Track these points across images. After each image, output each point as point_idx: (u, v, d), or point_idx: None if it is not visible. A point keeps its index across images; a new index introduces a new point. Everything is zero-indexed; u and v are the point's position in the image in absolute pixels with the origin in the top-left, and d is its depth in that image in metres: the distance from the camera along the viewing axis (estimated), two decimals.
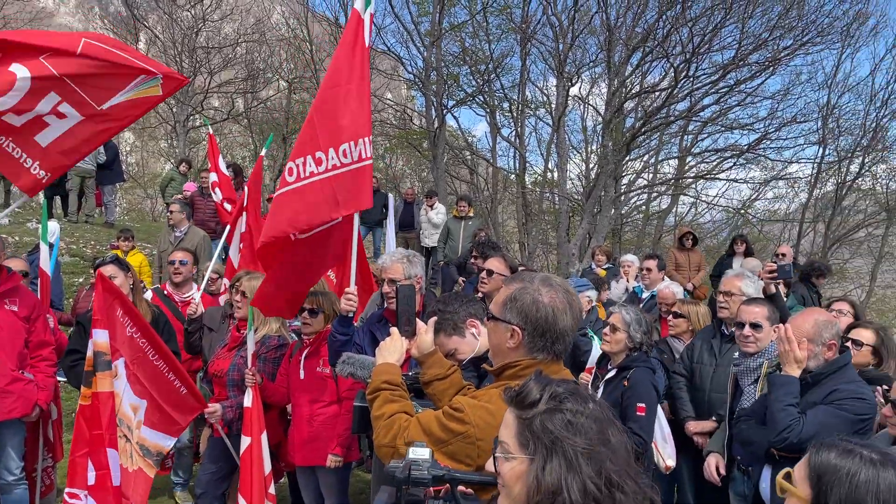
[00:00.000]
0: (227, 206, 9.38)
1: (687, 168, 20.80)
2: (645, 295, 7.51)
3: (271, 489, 4.51)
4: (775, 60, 15.51)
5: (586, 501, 1.49)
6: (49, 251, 5.71)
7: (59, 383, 5.10)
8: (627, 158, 18.58)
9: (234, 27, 24.10)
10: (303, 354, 4.49)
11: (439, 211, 13.55)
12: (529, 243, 19.45)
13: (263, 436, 4.43)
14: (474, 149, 22.72)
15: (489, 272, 4.89)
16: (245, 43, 22.95)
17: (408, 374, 2.77)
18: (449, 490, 1.93)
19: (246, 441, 4.37)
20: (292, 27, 22.17)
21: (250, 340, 4.52)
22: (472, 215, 12.49)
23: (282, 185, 3.95)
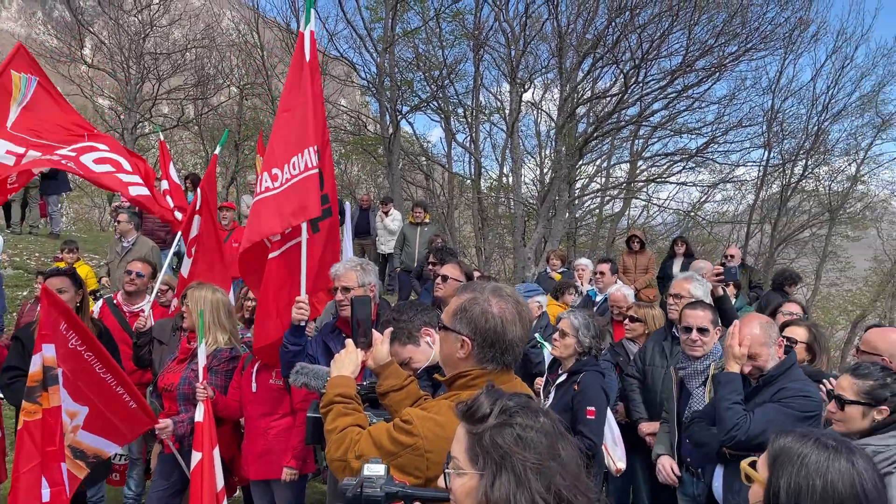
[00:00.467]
0: (178, 214, 9.19)
1: (638, 172, 21.19)
2: (598, 298, 7.59)
3: None
4: (721, 66, 15.92)
5: None
6: None
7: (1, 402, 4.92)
8: (580, 163, 18.83)
9: (183, 32, 23.65)
10: (255, 367, 4.41)
11: (395, 217, 13.52)
12: (486, 248, 19.54)
13: (216, 451, 4.33)
14: (430, 154, 22.75)
15: (444, 278, 4.91)
16: (194, 48, 22.55)
17: (362, 383, 2.75)
18: None
19: (197, 456, 4.26)
20: (242, 33, 21.88)
21: (201, 353, 4.41)
22: (428, 221, 12.48)
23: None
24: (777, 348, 3.59)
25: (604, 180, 21.76)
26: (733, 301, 6.05)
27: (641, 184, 21.22)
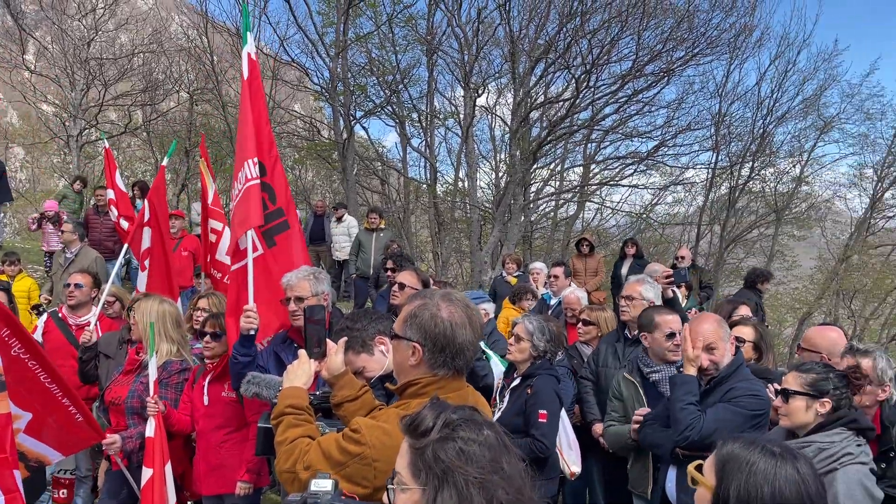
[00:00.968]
0: (125, 223, 8.99)
1: (591, 175, 21.47)
2: (553, 301, 7.67)
3: None
4: (669, 71, 16.24)
5: None
6: None
7: None
8: (535, 167, 18.99)
9: (129, 37, 23.09)
10: (206, 379, 4.32)
11: (351, 224, 13.43)
12: (443, 252, 19.54)
13: (167, 467, 4.22)
14: (385, 159, 22.67)
15: (401, 285, 4.90)
16: (142, 53, 22.04)
17: (315, 393, 2.71)
18: None
19: (147, 473, 4.15)
20: (191, 38, 21.48)
21: (151, 366, 4.30)
22: (383, 227, 12.44)
23: None
24: (731, 346, 3.67)
25: (558, 184, 21.97)
26: (684, 302, 6.17)
27: (595, 187, 21.51)
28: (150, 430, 4.22)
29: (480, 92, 18.12)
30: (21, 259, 9.73)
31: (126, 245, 6.59)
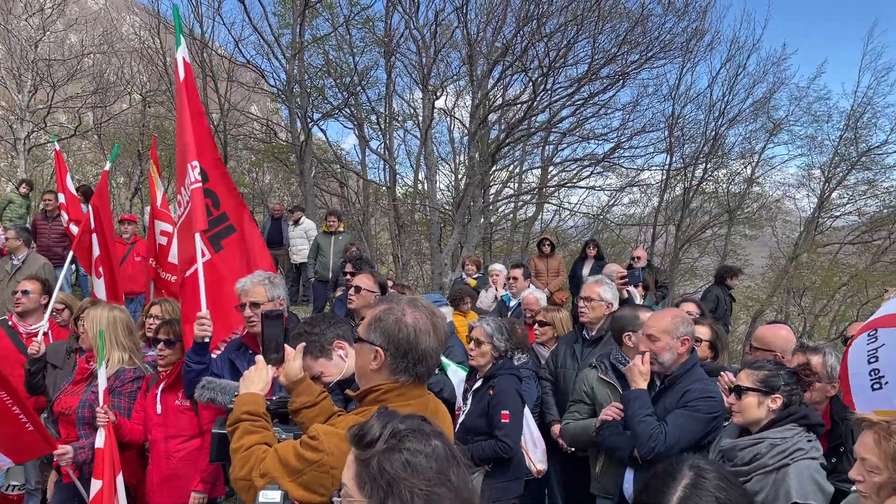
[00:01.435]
0: (75, 228, 8.74)
1: (549, 177, 21.66)
2: (512, 303, 7.70)
3: None
4: (624, 74, 16.50)
5: None
6: None
7: None
8: (494, 169, 19.08)
9: (79, 38, 22.49)
10: (159, 388, 4.22)
11: (308, 227, 13.30)
12: (403, 255, 19.47)
13: (119, 478, 4.11)
14: (343, 162, 22.50)
15: (357, 289, 4.86)
16: (93, 54, 21.49)
17: (272, 398, 2.67)
18: None
19: (97, 484, 4.02)
20: (143, 39, 21.02)
21: (101, 375, 4.17)
22: (342, 230, 12.35)
23: None
24: (678, 342, 3.68)
25: (517, 186, 22.11)
26: (641, 302, 6.25)
27: (553, 189, 21.71)
28: (99, 440, 4.10)
29: (439, 94, 18.16)
30: None
31: (71, 252, 6.42)
